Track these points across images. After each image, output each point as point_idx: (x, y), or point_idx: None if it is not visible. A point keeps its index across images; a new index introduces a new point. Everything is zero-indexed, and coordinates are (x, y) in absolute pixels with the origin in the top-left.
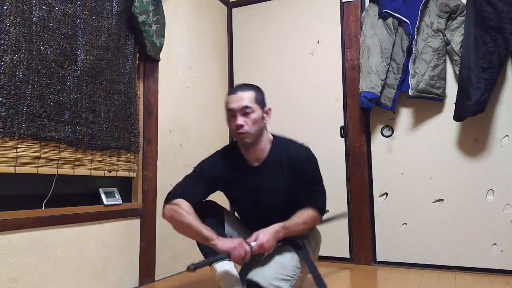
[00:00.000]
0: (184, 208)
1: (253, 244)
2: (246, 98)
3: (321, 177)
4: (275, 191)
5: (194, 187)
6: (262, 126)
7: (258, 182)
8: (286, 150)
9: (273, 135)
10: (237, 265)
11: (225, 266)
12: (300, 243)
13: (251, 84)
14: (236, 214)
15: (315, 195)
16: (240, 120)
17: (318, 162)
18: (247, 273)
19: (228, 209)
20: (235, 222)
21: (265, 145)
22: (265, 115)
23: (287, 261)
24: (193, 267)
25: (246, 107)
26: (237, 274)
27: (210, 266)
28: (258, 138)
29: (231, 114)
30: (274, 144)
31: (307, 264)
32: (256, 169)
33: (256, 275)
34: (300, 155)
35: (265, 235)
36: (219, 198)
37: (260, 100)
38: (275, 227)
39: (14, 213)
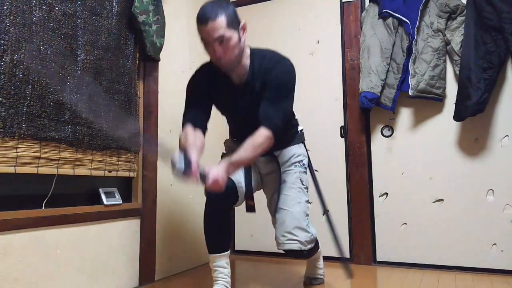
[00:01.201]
0: (186, 135)
1: (208, 179)
2: (218, 26)
3: (290, 93)
4: (258, 105)
5: (194, 109)
6: (241, 47)
7: (242, 99)
8: (264, 62)
9: (251, 49)
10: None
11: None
12: (298, 180)
13: (218, 5)
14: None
15: (273, 110)
16: (218, 51)
17: (319, 160)
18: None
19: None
20: None
21: (245, 61)
22: (241, 35)
23: (303, 206)
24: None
25: (222, 36)
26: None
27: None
28: (239, 60)
29: (207, 44)
30: (252, 59)
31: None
32: (239, 88)
33: (284, 243)
34: (272, 65)
35: (216, 173)
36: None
37: (233, 21)
38: (225, 163)
39: (14, 213)
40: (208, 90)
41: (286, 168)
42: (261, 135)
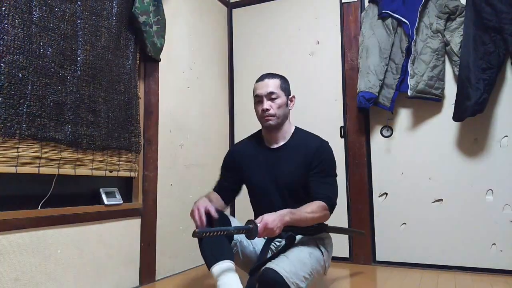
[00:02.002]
0: (209, 196)
1: (258, 224)
2: (272, 84)
3: (335, 172)
4: (289, 174)
5: (221, 180)
6: (286, 112)
7: (274, 162)
8: (304, 138)
9: (296, 127)
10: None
11: (229, 279)
12: (313, 244)
13: (278, 74)
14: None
15: (325, 187)
16: (266, 104)
17: None
18: (260, 267)
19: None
20: None
21: (287, 131)
22: (289, 102)
23: (306, 259)
24: (198, 233)
25: (272, 93)
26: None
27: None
28: (282, 123)
29: (258, 99)
30: (295, 132)
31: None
32: (274, 151)
33: (275, 266)
34: (317, 145)
35: (270, 216)
36: None
37: (285, 87)
38: (282, 211)
39: (15, 213)
40: (238, 166)
41: (305, 239)
42: (321, 204)
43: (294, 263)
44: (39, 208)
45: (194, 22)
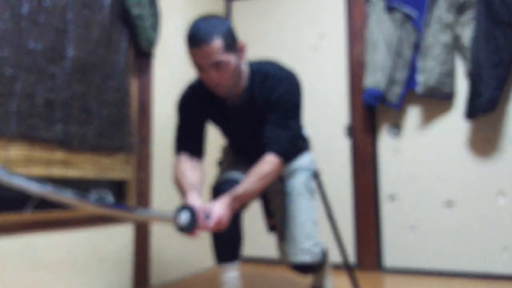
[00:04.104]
0: (182, 171)
1: (211, 223)
2: (214, 50)
3: (297, 112)
4: (258, 125)
5: (185, 130)
6: (239, 71)
7: (238, 121)
8: (263, 79)
9: (250, 65)
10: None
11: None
12: (307, 193)
13: (213, 25)
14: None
15: (279, 133)
16: (215, 76)
17: (321, 160)
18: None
19: None
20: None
21: (243, 83)
22: (240, 55)
23: (308, 226)
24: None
25: (217, 61)
26: None
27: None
28: (237, 84)
29: (201, 68)
30: (252, 78)
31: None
32: (235, 109)
33: (295, 255)
34: (276, 82)
35: (220, 212)
36: None
37: (230, 43)
38: (224, 201)
39: (3, 216)
40: (201, 111)
41: (291, 175)
42: (269, 162)
43: (302, 238)
44: (32, 211)
45: (191, 15)
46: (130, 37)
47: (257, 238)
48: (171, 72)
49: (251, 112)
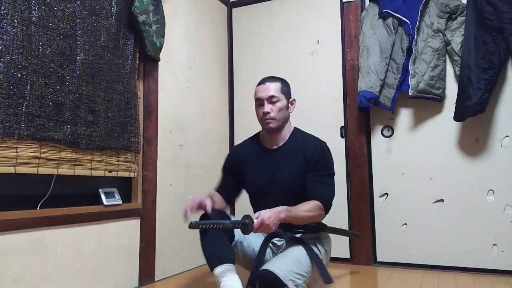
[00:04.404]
0: (212, 197)
1: (255, 220)
2: (273, 88)
3: (333, 172)
4: (288, 174)
5: (222, 181)
6: (287, 115)
7: (273, 164)
8: (303, 139)
9: (295, 128)
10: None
11: (231, 280)
12: (312, 243)
13: (279, 77)
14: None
15: (322, 188)
16: (267, 107)
17: None
18: (259, 268)
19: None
20: None
21: (286, 133)
22: (289, 105)
23: (302, 258)
24: (194, 224)
25: (273, 96)
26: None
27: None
28: (282, 125)
29: (259, 102)
30: (293, 133)
31: (316, 262)
32: (273, 152)
33: (271, 266)
34: (314, 146)
35: (267, 212)
36: None
37: (286, 91)
38: (278, 208)
39: (14, 213)
40: (238, 166)
41: (303, 238)
42: (316, 203)
43: (289, 261)
44: (38, 208)
45: (194, 22)
46: (136, 42)
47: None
48: (175, 76)
49: (286, 158)
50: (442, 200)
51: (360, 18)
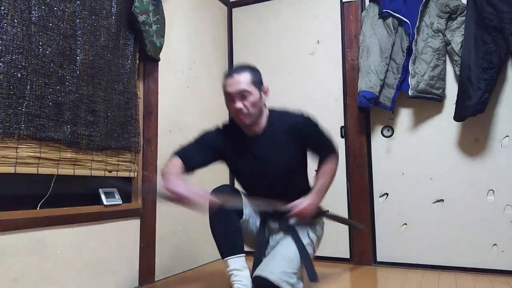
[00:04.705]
0: (171, 168)
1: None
2: (243, 81)
3: (323, 129)
4: (276, 160)
5: (193, 150)
6: (261, 106)
7: (257, 152)
8: (282, 120)
9: (269, 110)
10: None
11: (243, 272)
12: (305, 230)
13: (247, 66)
14: (238, 185)
15: (327, 144)
16: (239, 104)
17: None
18: (260, 256)
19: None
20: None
21: (264, 121)
22: (263, 94)
23: (293, 255)
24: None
25: (244, 90)
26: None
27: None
28: (258, 118)
29: (230, 98)
30: (270, 117)
31: (304, 260)
32: (255, 140)
33: (263, 270)
34: (299, 121)
35: (307, 204)
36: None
37: (257, 80)
38: (312, 198)
39: (14, 213)
40: (217, 148)
41: (302, 227)
42: (329, 161)
43: (281, 262)
44: (38, 208)
45: (194, 22)
46: (136, 42)
47: None
48: (175, 76)
49: (268, 144)
50: (442, 200)
51: (360, 18)
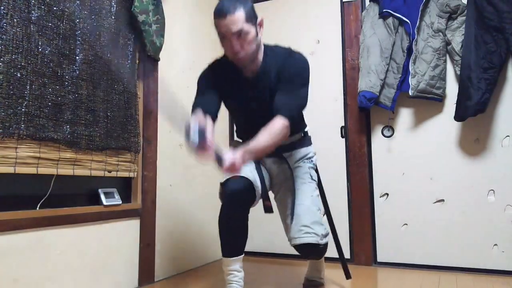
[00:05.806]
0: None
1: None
2: (237, 20)
3: (303, 82)
4: (270, 99)
5: (203, 97)
6: (258, 43)
7: (253, 93)
8: (276, 57)
9: (264, 45)
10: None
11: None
12: (304, 165)
13: (236, 0)
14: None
15: (289, 99)
16: (236, 45)
17: (319, 160)
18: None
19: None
20: None
21: (260, 57)
22: (259, 29)
23: (314, 207)
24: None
25: (240, 30)
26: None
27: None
28: (256, 54)
29: (224, 37)
30: (265, 52)
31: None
32: (251, 81)
33: (299, 237)
34: (285, 56)
35: (233, 157)
36: None
37: (251, 15)
38: (239, 151)
39: (14, 213)
40: (219, 85)
41: (296, 164)
42: (278, 123)
43: (314, 213)
44: (37, 208)
45: (194, 21)
46: (136, 42)
47: (253, 234)
48: (175, 76)
49: (264, 83)
50: (443, 200)
51: (360, 18)
